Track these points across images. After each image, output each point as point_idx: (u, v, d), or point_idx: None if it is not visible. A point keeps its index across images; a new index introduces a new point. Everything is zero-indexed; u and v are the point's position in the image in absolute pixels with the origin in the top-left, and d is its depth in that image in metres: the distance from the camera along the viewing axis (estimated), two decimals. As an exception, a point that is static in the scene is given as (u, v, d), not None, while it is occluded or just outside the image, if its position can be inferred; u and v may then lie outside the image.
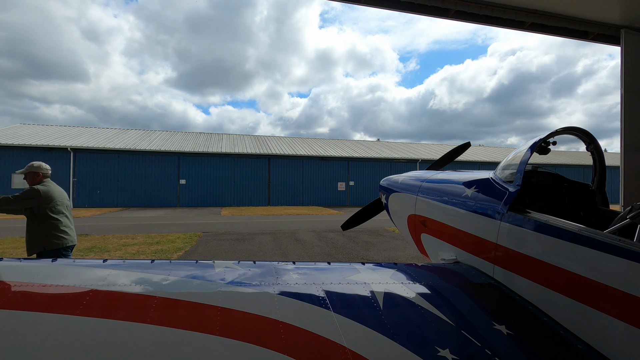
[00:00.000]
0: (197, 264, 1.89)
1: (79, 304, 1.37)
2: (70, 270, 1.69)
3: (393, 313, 1.62)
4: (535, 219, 1.89)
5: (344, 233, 10.95)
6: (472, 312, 1.76)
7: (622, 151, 6.49)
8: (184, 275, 1.71)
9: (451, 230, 2.64)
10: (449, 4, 5.80)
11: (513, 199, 2.07)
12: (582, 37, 6.84)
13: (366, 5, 5.63)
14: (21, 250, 7.66)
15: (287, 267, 1.97)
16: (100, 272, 1.66)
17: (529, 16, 6.12)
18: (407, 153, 31.78)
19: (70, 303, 1.38)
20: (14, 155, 21.85)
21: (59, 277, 1.57)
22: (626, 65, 6.51)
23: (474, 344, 1.46)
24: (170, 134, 30.61)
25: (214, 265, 1.84)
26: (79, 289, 1.48)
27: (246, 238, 10.00)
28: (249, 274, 1.83)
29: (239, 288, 1.64)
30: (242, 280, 1.74)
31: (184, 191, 24.73)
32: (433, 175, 3.38)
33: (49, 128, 28.76)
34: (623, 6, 5.99)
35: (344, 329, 1.42)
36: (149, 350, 1.21)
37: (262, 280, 1.74)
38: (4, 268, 1.60)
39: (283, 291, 1.65)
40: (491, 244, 2.13)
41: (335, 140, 35.93)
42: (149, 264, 1.85)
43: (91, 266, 1.79)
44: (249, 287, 1.65)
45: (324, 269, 2.00)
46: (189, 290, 1.59)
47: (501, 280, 2.06)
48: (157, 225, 13.04)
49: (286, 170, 26.34)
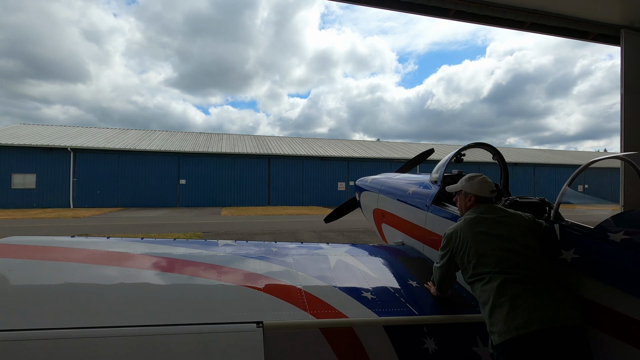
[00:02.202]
0: (205, 242, 2.76)
1: (123, 258, 2.25)
2: (111, 241, 2.58)
3: (339, 270, 2.41)
4: (448, 210, 2.66)
5: (344, 233, 10.94)
6: (396, 273, 2.52)
7: (622, 151, 6.49)
8: (196, 246, 2.61)
9: (400, 220, 3.42)
10: (449, 4, 5.80)
11: (435, 195, 2.85)
12: (582, 37, 6.84)
13: (366, 5, 5.63)
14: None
15: (271, 245, 2.79)
16: (132, 244, 2.55)
17: (529, 16, 6.12)
18: (407, 153, 31.79)
19: (117, 258, 2.26)
20: (14, 155, 21.84)
21: (107, 245, 2.47)
22: (626, 65, 6.51)
23: (389, 291, 2.23)
24: (170, 134, 30.61)
25: (218, 242, 2.76)
26: (123, 252, 2.36)
27: (246, 238, 10.00)
28: (244, 248, 2.68)
29: (235, 256, 2.48)
30: (237, 251, 2.57)
31: (184, 191, 24.73)
32: (393, 176, 4.14)
33: (49, 128, 28.77)
34: (623, 6, 5.99)
35: (301, 279, 2.22)
36: (173, 287, 2.04)
37: (254, 251, 2.59)
38: (76, 242, 2.49)
39: (264, 257, 2.50)
40: (421, 229, 2.93)
41: (335, 140, 35.94)
42: (172, 240, 2.74)
43: (124, 241, 2.71)
44: (243, 256, 2.48)
45: (297, 247, 2.82)
46: (199, 253, 2.45)
47: (427, 255, 2.85)
48: (157, 225, 13.03)
49: (286, 170, 26.34)
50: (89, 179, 23.05)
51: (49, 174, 22.41)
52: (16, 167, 21.93)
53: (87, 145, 23.07)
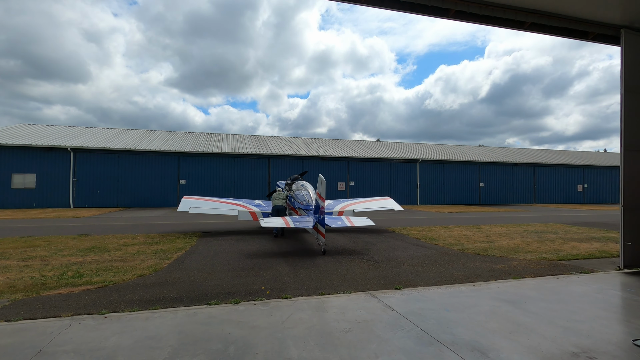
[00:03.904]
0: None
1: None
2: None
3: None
4: (289, 195, 11.27)
5: (344, 233, 10.96)
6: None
7: (622, 151, 6.48)
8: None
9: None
10: (449, 4, 5.80)
11: (284, 188, 12.20)
12: (582, 37, 6.83)
13: (366, 5, 5.63)
14: (21, 250, 7.66)
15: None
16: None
17: (528, 16, 6.12)
18: (407, 153, 31.78)
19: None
20: (14, 155, 21.85)
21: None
22: (626, 65, 6.51)
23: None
24: (170, 134, 30.60)
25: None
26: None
27: (246, 238, 10.01)
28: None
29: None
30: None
31: (184, 191, 24.72)
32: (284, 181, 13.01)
33: (49, 128, 28.76)
34: (623, 6, 5.98)
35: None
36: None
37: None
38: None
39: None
40: (290, 206, 10.98)
41: (335, 140, 35.91)
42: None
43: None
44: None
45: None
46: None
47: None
48: (157, 225, 13.03)
49: (286, 170, 26.31)
50: (89, 179, 23.05)
51: (49, 174, 22.41)
52: (16, 167, 21.92)
53: (87, 145, 23.07)
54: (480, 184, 31.87)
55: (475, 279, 5.71)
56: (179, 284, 5.29)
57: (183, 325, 3.60)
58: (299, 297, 4.67)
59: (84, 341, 3.22)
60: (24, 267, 6.22)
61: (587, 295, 4.79)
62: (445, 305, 4.29)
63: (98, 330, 3.49)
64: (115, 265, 6.39)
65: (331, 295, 4.76)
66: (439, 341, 3.25)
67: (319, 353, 3.01)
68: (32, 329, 3.50)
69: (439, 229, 12.26)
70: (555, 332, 3.49)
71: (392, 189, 28.98)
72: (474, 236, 10.60)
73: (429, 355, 2.99)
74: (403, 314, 3.96)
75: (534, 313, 4.04)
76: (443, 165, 30.79)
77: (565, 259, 7.34)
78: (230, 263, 6.76)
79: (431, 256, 7.55)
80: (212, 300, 4.47)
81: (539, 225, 13.98)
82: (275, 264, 6.69)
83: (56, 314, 3.96)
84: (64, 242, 8.91)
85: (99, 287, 5.10)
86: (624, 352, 3.07)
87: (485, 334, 3.42)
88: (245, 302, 4.40)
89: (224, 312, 4.01)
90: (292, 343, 3.20)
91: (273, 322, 3.70)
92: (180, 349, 3.07)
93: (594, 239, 10.32)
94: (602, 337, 3.37)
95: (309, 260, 7.07)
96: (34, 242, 8.74)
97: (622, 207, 6.49)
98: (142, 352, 3.00)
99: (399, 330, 3.52)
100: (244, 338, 3.30)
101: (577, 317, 3.92)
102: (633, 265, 6.46)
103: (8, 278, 5.47)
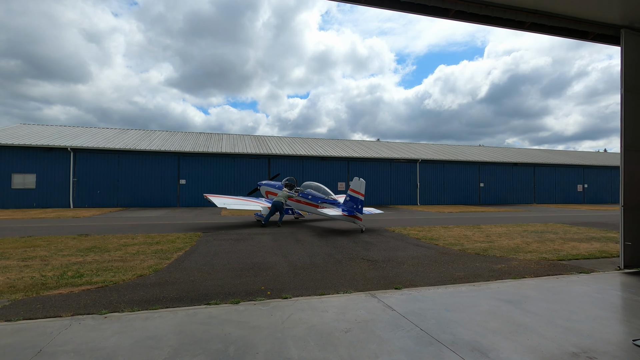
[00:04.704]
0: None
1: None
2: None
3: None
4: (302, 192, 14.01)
5: (344, 232, 10.96)
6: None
7: (622, 151, 6.48)
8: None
9: (272, 194, 14.94)
10: (449, 4, 5.80)
11: (282, 185, 14.81)
12: (582, 37, 6.83)
13: (366, 5, 5.63)
14: (21, 250, 7.66)
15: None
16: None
17: (528, 16, 6.12)
18: (407, 153, 31.78)
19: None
20: (14, 155, 21.85)
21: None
22: (626, 65, 6.50)
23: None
24: (170, 134, 30.61)
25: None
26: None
27: (246, 238, 10.00)
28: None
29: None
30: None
31: (184, 191, 24.73)
32: (269, 182, 16.15)
33: (49, 128, 28.76)
34: (623, 6, 5.98)
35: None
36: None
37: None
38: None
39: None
40: (302, 201, 13.95)
41: (335, 140, 35.91)
42: None
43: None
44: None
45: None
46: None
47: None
48: (157, 225, 13.03)
49: (286, 170, 26.30)
50: (89, 179, 23.05)
51: (49, 174, 22.41)
52: (16, 167, 21.92)
53: (87, 145, 23.06)
54: (480, 184, 31.88)
55: (475, 279, 5.71)
56: (179, 284, 5.29)
57: (183, 325, 3.60)
58: (299, 297, 4.67)
59: (84, 341, 3.22)
60: (24, 267, 6.22)
61: (587, 295, 4.79)
62: (445, 305, 4.29)
63: (98, 330, 3.49)
64: (115, 265, 6.39)
65: (331, 295, 4.76)
66: (439, 341, 3.26)
67: (319, 353, 3.01)
68: (32, 329, 3.50)
69: (439, 229, 12.27)
70: (555, 332, 3.49)
71: (392, 189, 28.98)
72: (474, 236, 10.60)
73: (429, 355, 2.99)
74: (403, 314, 3.96)
75: (534, 313, 4.04)
76: (443, 165, 30.79)
77: (565, 259, 7.35)
78: (230, 263, 6.76)
79: (431, 256, 7.55)
80: (212, 300, 4.47)
81: (539, 225, 13.98)
82: (275, 264, 6.69)
83: (56, 314, 3.96)
84: (64, 242, 8.91)
85: (99, 287, 5.10)
86: (624, 352, 3.07)
87: (485, 334, 3.43)
88: (245, 302, 4.40)
89: (224, 312, 4.01)
90: (292, 343, 3.20)
91: (273, 322, 3.70)
92: (180, 349, 3.07)
93: (594, 239, 10.32)
94: (602, 337, 3.37)
95: (309, 260, 7.07)
96: (34, 242, 8.73)
97: (622, 207, 6.48)
98: (142, 352, 3.00)
99: (399, 330, 3.52)
100: (244, 338, 3.30)
101: (577, 317, 3.92)
102: (633, 265, 6.46)
103: (8, 278, 5.47)
